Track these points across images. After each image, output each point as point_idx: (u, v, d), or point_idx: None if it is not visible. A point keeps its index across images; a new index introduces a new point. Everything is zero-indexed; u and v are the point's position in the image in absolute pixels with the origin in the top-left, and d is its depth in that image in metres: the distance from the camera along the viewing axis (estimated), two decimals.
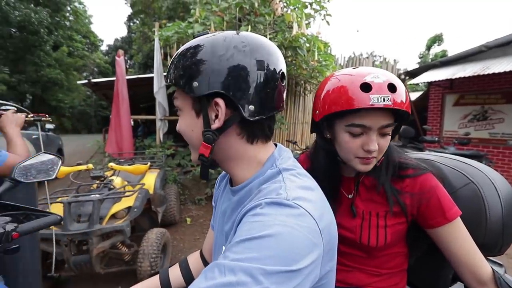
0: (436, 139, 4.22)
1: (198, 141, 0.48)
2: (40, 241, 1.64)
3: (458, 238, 0.63)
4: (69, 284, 2.01)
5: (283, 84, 0.49)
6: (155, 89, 4.12)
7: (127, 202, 1.94)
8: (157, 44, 4.12)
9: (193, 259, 0.74)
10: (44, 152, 0.93)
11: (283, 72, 0.48)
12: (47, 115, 1.42)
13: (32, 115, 1.34)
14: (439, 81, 5.41)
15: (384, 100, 0.58)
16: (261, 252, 0.33)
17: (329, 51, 4.37)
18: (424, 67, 6.31)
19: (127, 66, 19.26)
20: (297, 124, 4.80)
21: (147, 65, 12.96)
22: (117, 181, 2.30)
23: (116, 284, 1.94)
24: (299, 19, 3.27)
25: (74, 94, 21.37)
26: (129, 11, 19.82)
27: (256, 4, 3.26)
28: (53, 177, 0.92)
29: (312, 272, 0.36)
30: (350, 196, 0.74)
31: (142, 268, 1.75)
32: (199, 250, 0.76)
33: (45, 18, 16.57)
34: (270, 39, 3.28)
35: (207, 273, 0.34)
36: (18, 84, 16.76)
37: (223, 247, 0.53)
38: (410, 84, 6.79)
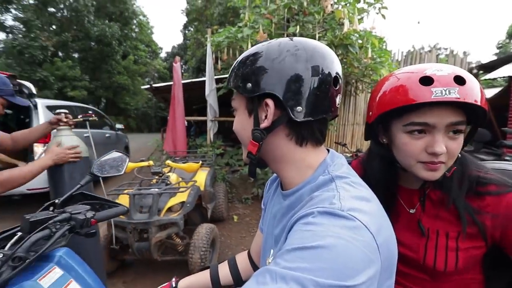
0: None
1: (248, 139, 0.49)
2: (111, 228, 1.90)
3: None
4: (132, 266, 2.26)
5: (336, 88, 0.48)
6: (207, 91, 4.37)
7: (181, 197, 2.10)
8: (209, 49, 4.36)
9: (241, 259, 0.76)
10: (115, 150, 1.07)
11: (336, 76, 0.47)
12: (93, 115, 1.64)
13: (81, 116, 1.50)
14: None
15: (449, 93, 0.50)
16: (314, 263, 0.32)
17: (384, 47, 4.06)
18: (503, 59, 5.38)
19: (182, 71, 20.88)
20: (347, 126, 4.57)
21: (200, 69, 13.84)
22: (173, 177, 2.51)
23: (170, 271, 2.13)
24: (350, 15, 3.11)
25: (138, 97, 24.10)
26: (184, 19, 21.44)
27: (305, 3, 3.21)
28: (122, 172, 1.05)
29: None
30: (412, 211, 0.66)
31: (193, 260, 1.88)
32: (247, 251, 0.78)
33: (116, 32, 19.05)
34: (319, 38, 3.19)
35: (258, 278, 0.34)
36: (95, 90, 19.60)
37: (272, 250, 0.53)
38: (485, 80, 5.87)
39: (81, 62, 19.10)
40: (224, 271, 0.74)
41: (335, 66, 0.48)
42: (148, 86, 5.94)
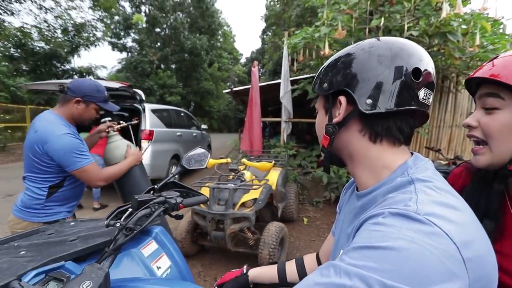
0: None
1: (322, 135, 0.52)
2: (194, 214, 2.18)
3: None
4: (209, 252, 2.52)
5: (418, 80, 0.44)
6: (281, 93, 4.46)
7: (254, 194, 2.22)
8: (285, 52, 4.43)
9: (309, 260, 0.77)
10: (199, 147, 1.23)
11: (417, 68, 0.44)
12: (136, 119, 1.89)
13: (123, 122, 1.66)
14: None
15: (479, 70, 0.56)
16: (381, 264, 0.31)
17: (501, 31, 3.26)
18: None
19: (260, 74, 21.88)
20: (443, 128, 3.87)
21: (276, 72, 14.21)
22: (247, 174, 2.67)
23: (241, 262, 2.27)
24: None
25: (220, 100, 26.60)
26: (263, 25, 22.40)
27: None
28: (204, 166, 1.20)
29: None
30: None
31: (262, 255, 1.96)
32: (316, 253, 0.78)
33: (204, 43, 21.47)
34: (408, 28, 2.82)
35: (322, 271, 0.35)
36: (186, 95, 22.61)
37: (342, 250, 0.53)
38: None
39: (177, 72, 22.37)
40: (291, 268, 0.76)
41: (414, 58, 0.45)
42: (229, 90, 6.47)
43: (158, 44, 21.79)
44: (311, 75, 4.55)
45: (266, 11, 18.15)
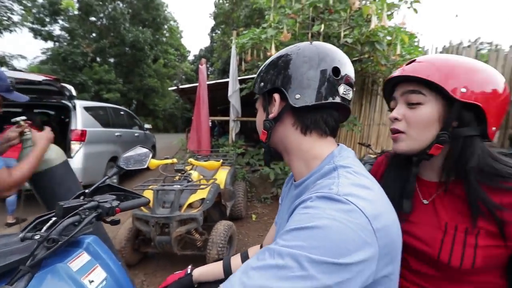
0: None
1: (261, 131, 0.57)
2: (135, 220, 2.01)
3: None
4: (153, 259, 2.37)
5: (338, 78, 0.52)
6: (230, 92, 4.45)
7: (201, 194, 2.16)
8: (233, 51, 4.44)
9: (254, 251, 0.79)
10: (140, 146, 1.14)
11: (336, 67, 0.52)
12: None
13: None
14: None
15: (397, 72, 0.64)
16: (308, 242, 0.35)
17: (416, 43, 3.84)
18: None
19: (208, 73, 21.46)
20: (372, 126, 4.39)
21: (225, 71, 14.16)
22: (194, 174, 2.59)
23: (189, 265, 2.19)
24: (379, 11, 2.99)
25: (166, 99, 25.18)
26: (212, 23, 22.04)
27: (331, 1, 3.14)
28: (145, 166, 1.11)
29: (363, 271, 0.36)
30: (425, 202, 0.64)
31: (211, 255, 1.93)
32: (260, 244, 0.81)
33: (148, 37, 20.09)
34: (345, 35, 3.11)
35: (259, 255, 0.38)
36: (127, 92, 20.82)
37: None
38: None
39: (116, 66, 20.42)
40: (236, 262, 0.76)
41: (335, 60, 0.53)
42: (175, 87, 6.18)
43: (94, 34, 19.53)
44: None
45: (215, 9, 17.92)
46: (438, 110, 0.59)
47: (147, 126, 6.69)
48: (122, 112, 5.37)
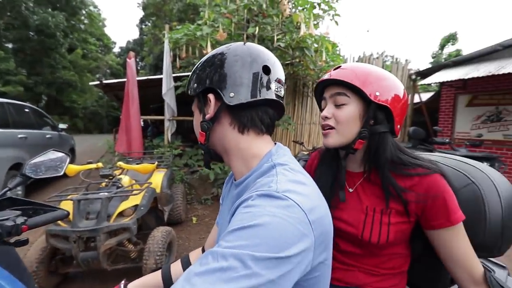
0: (447, 140, 4.10)
1: (199, 133, 0.56)
2: (50, 237, 1.70)
3: (459, 241, 0.62)
4: (77, 280, 2.06)
5: (269, 76, 0.54)
6: (164, 90, 4.19)
7: (134, 200, 1.98)
8: (166, 46, 4.18)
9: (195, 255, 0.76)
10: (53, 150, 0.97)
11: (267, 66, 0.54)
12: None
13: None
14: (451, 81, 5.27)
15: (326, 76, 0.73)
16: (251, 240, 0.35)
17: (338, 52, 4.34)
18: (436, 67, 6.16)
19: (138, 68, 19.65)
20: (304, 125, 4.78)
21: (158, 67, 13.23)
22: (125, 179, 2.35)
23: (122, 280, 1.98)
24: (307, 19, 3.26)
25: (87, 95, 21.96)
26: (141, 13, 20.28)
27: (264, 6, 3.27)
28: (61, 173, 0.96)
29: (302, 261, 0.38)
30: (350, 190, 0.75)
31: (148, 266, 1.78)
32: (202, 247, 0.78)
33: (61, 22, 17.14)
34: (277, 40, 3.28)
35: (201, 260, 0.36)
36: (34, 86, 17.36)
37: None
38: (422, 85, 6.64)
39: (16, 54, 16.77)
40: (176, 269, 0.72)
41: (266, 60, 0.55)
42: (98, 82, 5.47)
43: None
44: None
45: None
46: (359, 110, 0.69)
47: (62, 126, 5.73)
48: (27, 110, 4.46)
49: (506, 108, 5.11)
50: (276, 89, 0.55)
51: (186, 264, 0.73)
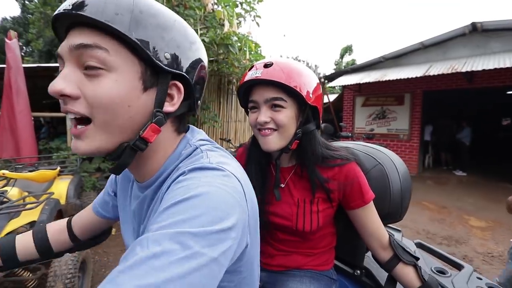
0: (350, 134, 4.90)
1: (132, 121, 0.39)
2: None
3: (372, 216, 0.74)
4: None
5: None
6: None
7: (29, 216, 1.58)
8: None
9: (55, 230, 0.64)
10: None
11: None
12: None
13: None
14: (350, 85, 6.33)
15: (256, 73, 0.68)
16: (188, 213, 0.31)
17: (259, 52, 4.54)
18: (338, 73, 7.26)
19: (23, 54, 15.77)
20: (230, 123, 4.83)
21: (52, 54, 10.95)
22: (13, 192, 1.85)
23: None
24: (230, 17, 3.29)
25: None
26: None
27: None
28: None
29: (240, 237, 0.35)
30: (282, 185, 0.78)
31: None
32: (66, 220, 0.66)
33: None
34: (201, 34, 3.19)
35: (127, 254, 0.29)
36: None
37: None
38: (329, 87, 7.70)
39: None
40: (25, 244, 0.59)
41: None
42: None
43: None
44: None
45: None
46: (295, 112, 0.71)
47: None
48: None
49: (388, 108, 6.47)
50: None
51: (40, 240, 0.61)
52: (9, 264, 0.57)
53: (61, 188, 2.16)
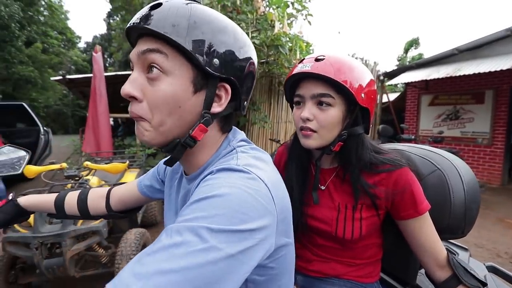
0: (413, 137, 4.40)
1: (183, 120, 0.44)
2: (8, 245, 1.55)
3: (426, 229, 0.65)
4: None
5: None
6: None
7: None
8: None
9: (96, 196, 0.73)
10: (9, 145, 0.87)
11: None
12: None
13: None
14: (415, 82, 5.64)
15: (305, 67, 0.64)
16: (208, 211, 0.33)
17: (311, 51, 4.44)
18: (401, 69, 6.56)
19: (107, 64, 18.58)
20: (281, 123, 4.83)
21: (128, 63, 12.59)
22: (93, 180, 2.21)
23: (93, 287, 1.87)
24: (281, 18, 3.30)
25: (49, 92, 20.30)
26: (108, 7, 19.18)
27: (238, 2, 3.25)
28: (19, 172, 0.87)
29: (266, 239, 0.36)
30: (322, 188, 0.74)
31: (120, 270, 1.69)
32: (108, 189, 0.74)
33: (16, 12, 15.66)
34: (252, 37, 3.28)
35: (156, 240, 0.34)
36: None
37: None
38: (389, 85, 7.03)
39: None
40: (71, 201, 0.71)
41: None
42: (60, 77, 5.09)
43: None
44: None
45: None
46: (342, 112, 0.66)
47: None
48: None
49: (463, 107, 5.59)
50: None
51: (81, 201, 0.70)
52: (59, 215, 0.70)
53: (130, 179, 2.48)
